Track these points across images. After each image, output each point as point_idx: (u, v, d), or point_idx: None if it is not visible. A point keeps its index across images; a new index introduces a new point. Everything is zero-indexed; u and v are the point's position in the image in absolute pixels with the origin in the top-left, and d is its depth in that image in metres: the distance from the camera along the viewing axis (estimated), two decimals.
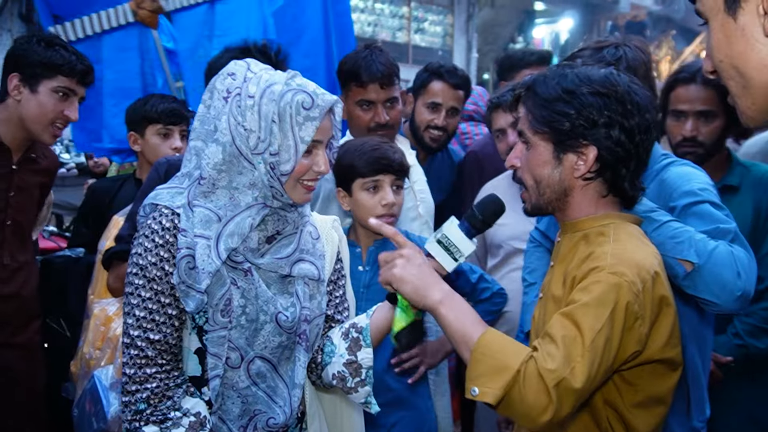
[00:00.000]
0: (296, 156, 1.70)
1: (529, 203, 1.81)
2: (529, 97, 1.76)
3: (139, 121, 3.16)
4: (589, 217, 1.74)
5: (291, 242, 1.82)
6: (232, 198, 1.72)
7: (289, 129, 1.69)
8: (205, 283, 1.68)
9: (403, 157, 2.49)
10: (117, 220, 2.85)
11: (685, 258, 1.81)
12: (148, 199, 1.81)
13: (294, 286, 1.83)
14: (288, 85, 1.71)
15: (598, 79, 1.69)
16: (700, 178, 2.06)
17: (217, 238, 1.70)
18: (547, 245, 2.45)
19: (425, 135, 3.37)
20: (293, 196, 1.76)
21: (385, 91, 2.94)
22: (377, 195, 2.46)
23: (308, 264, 1.84)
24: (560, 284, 1.71)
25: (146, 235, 1.74)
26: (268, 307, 1.76)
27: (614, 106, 1.66)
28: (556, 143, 1.70)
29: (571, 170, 1.71)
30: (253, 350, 1.78)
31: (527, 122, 1.75)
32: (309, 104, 1.69)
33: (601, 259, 1.59)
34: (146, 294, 1.72)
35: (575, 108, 1.66)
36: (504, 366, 1.51)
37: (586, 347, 1.48)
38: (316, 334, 1.88)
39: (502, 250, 3.06)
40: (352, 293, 2.09)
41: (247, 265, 1.74)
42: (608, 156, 1.67)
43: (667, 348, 1.63)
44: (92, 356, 2.62)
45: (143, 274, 1.72)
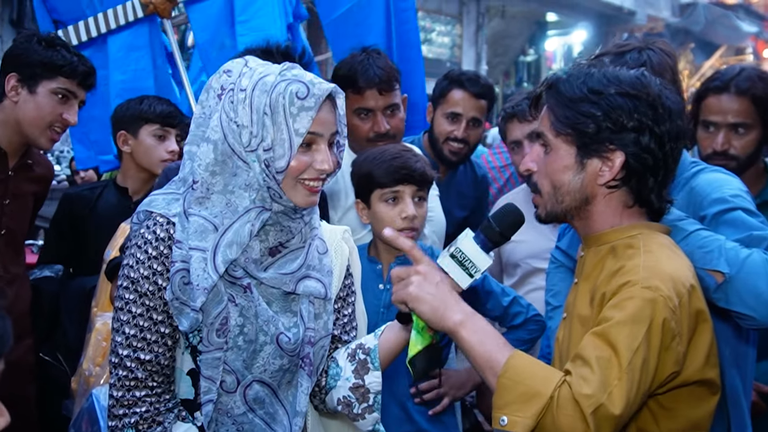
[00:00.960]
0: (291, 150, 1.65)
1: (543, 209, 1.77)
2: (551, 95, 1.72)
3: (133, 120, 3.12)
4: (614, 228, 1.70)
5: (298, 257, 1.78)
6: (229, 204, 1.67)
7: (282, 121, 1.64)
8: (200, 300, 1.63)
9: (426, 166, 2.44)
10: (124, 227, 2.81)
11: (715, 268, 1.77)
12: (142, 206, 1.77)
13: (298, 305, 1.79)
14: (282, 76, 1.66)
15: (627, 79, 1.66)
16: (731, 184, 2.03)
17: (214, 250, 1.65)
18: (569, 265, 2.41)
19: (444, 147, 3.30)
20: (294, 198, 1.70)
21: (385, 97, 2.87)
22: (397, 207, 2.41)
23: (314, 281, 1.79)
24: (586, 302, 1.67)
25: (139, 245, 1.69)
26: (269, 327, 1.72)
27: (644, 109, 1.63)
28: (580, 147, 1.66)
29: (595, 177, 1.67)
30: (251, 374, 1.74)
31: (548, 123, 1.71)
32: (304, 93, 1.64)
33: (633, 273, 1.55)
34: (137, 310, 1.68)
35: (602, 109, 1.63)
36: (535, 392, 1.47)
37: (624, 369, 1.44)
38: (321, 357, 1.84)
39: (520, 269, 3.03)
40: (363, 311, 2.05)
41: (246, 281, 1.70)
42: (636, 163, 1.64)
43: (706, 368, 1.59)
44: (92, 373, 2.60)
45: (134, 288, 1.68)
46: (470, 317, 1.61)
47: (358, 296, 2.01)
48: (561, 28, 19.28)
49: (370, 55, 2.90)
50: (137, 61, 3.65)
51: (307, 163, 1.68)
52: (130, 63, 3.64)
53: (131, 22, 3.58)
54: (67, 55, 2.68)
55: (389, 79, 2.87)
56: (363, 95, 2.85)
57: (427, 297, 1.64)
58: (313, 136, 1.67)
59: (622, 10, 18.35)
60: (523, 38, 18.61)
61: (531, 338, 2.63)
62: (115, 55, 3.62)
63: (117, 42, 3.63)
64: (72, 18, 3.63)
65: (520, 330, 2.61)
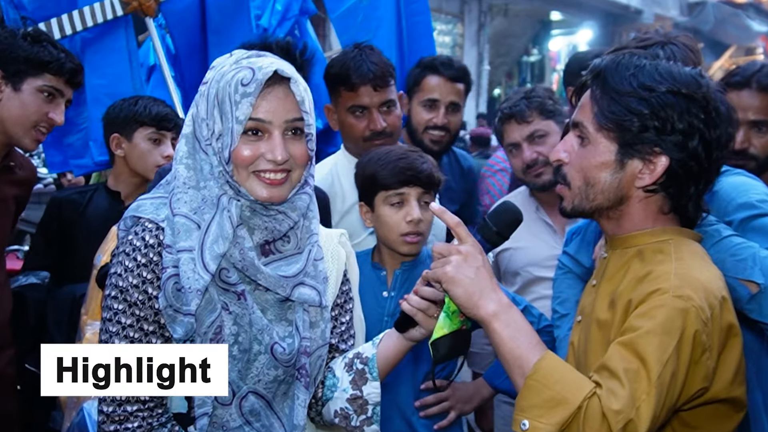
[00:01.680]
0: (232, 138, 1.62)
1: (570, 203, 1.71)
2: (597, 85, 1.65)
3: (127, 122, 3.09)
4: (644, 231, 1.66)
5: (297, 261, 1.75)
6: (205, 199, 1.67)
7: (228, 110, 1.62)
8: (194, 303, 1.61)
9: (433, 168, 2.41)
10: (116, 231, 2.79)
11: (749, 278, 1.74)
12: (129, 211, 1.75)
13: (293, 313, 1.76)
14: (237, 64, 1.65)
15: (682, 77, 1.60)
16: (757, 189, 2.00)
17: (200, 248, 1.63)
18: (577, 271, 2.38)
19: (425, 137, 3.27)
20: (252, 191, 1.66)
21: (380, 93, 2.84)
22: (402, 210, 2.37)
23: (308, 288, 1.76)
24: (606, 306, 1.64)
25: (127, 252, 1.67)
26: (263, 336, 1.70)
27: (697, 111, 1.57)
28: (623, 145, 1.61)
29: (633, 178, 1.62)
30: (246, 384, 1.72)
31: (590, 114, 1.64)
32: (248, 80, 1.61)
33: (663, 280, 1.51)
34: (127, 320, 1.65)
35: (651, 107, 1.57)
36: (562, 399, 1.43)
37: (653, 383, 1.41)
38: (318, 368, 1.81)
39: (519, 277, 3.00)
40: (361, 318, 2.03)
41: (240, 287, 1.67)
42: (679, 169, 1.59)
43: (733, 385, 1.56)
44: None
45: (123, 297, 1.66)
46: (505, 309, 1.57)
47: (356, 303, 1.99)
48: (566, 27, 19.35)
49: (363, 50, 2.88)
50: (114, 65, 3.64)
51: (254, 153, 1.65)
52: (107, 66, 3.62)
53: (108, 20, 3.55)
54: (53, 51, 2.65)
55: (383, 74, 2.84)
56: (357, 92, 2.82)
57: (464, 280, 1.59)
58: (260, 123, 1.64)
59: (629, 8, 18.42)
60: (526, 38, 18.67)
61: None
62: (91, 58, 3.58)
63: (93, 45, 3.61)
64: (42, 15, 3.54)
65: None
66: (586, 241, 2.33)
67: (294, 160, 1.68)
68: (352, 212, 2.78)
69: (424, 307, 1.75)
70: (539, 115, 2.92)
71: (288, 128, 1.68)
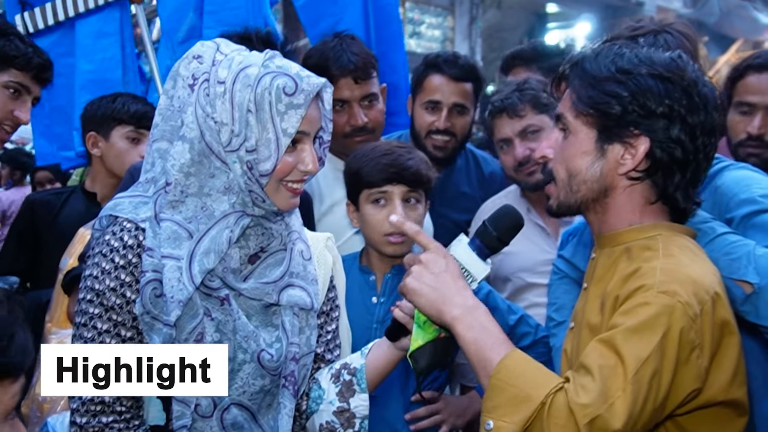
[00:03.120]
0: (278, 152, 1.65)
1: (556, 200, 1.76)
2: (575, 74, 1.72)
3: (105, 120, 3.11)
4: (632, 227, 1.71)
5: (280, 263, 1.78)
6: (204, 207, 1.68)
7: (268, 120, 1.64)
8: (174, 314, 1.63)
9: (421, 164, 2.43)
10: (83, 234, 2.80)
11: (743, 278, 1.77)
12: (106, 210, 1.76)
13: (280, 317, 1.79)
14: (266, 68, 1.66)
15: (661, 60, 1.66)
16: (761, 183, 2.03)
17: (189, 259, 1.65)
18: (573, 275, 2.41)
19: (428, 143, 3.21)
20: (277, 202, 1.71)
21: (361, 86, 2.85)
22: (385, 209, 2.41)
23: (298, 290, 1.79)
24: (597, 309, 1.68)
25: (104, 253, 1.69)
26: (249, 343, 1.72)
27: (678, 95, 1.63)
28: (602, 130, 1.67)
29: (616, 165, 1.67)
30: (229, 396, 1.74)
31: (569, 103, 1.71)
32: (292, 89, 1.64)
33: (648, 276, 1.55)
34: (103, 326, 1.67)
35: (630, 90, 1.63)
36: (525, 396, 1.47)
37: (629, 380, 1.44)
38: (303, 377, 1.84)
39: (511, 283, 3.00)
40: (347, 327, 2.05)
41: (224, 292, 1.70)
42: (662, 154, 1.64)
43: (732, 387, 1.59)
44: (46, 398, 2.57)
45: (100, 301, 1.67)
46: (469, 311, 1.62)
47: (342, 311, 2.01)
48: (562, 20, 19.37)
49: (344, 40, 2.88)
50: (105, 50, 3.64)
51: (292, 164, 1.69)
52: (98, 51, 3.64)
53: (101, 6, 3.60)
54: (20, 45, 2.66)
55: (365, 66, 2.85)
56: (336, 85, 2.81)
57: (423, 288, 1.65)
58: (300, 134, 1.68)
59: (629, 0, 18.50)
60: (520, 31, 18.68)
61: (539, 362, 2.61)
62: (82, 41, 3.62)
63: (85, 28, 3.63)
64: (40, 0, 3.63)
65: (529, 352, 2.58)
66: (582, 243, 2.35)
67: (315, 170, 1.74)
68: (331, 214, 2.79)
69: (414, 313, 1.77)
70: (533, 108, 2.90)
71: (313, 137, 1.74)
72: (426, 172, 2.45)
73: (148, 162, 1.76)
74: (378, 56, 3.15)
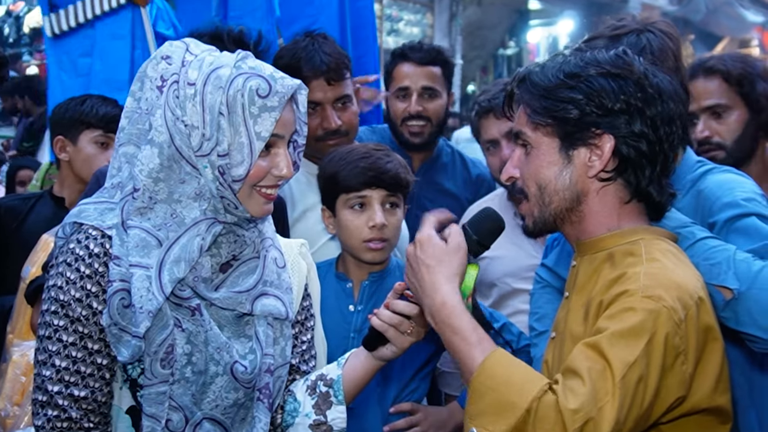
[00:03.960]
0: (252, 157, 1.65)
1: (531, 217, 1.79)
2: (524, 89, 1.75)
3: (73, 123, 3.10)
4: (612, 233, 1.73)
5: (253, 271, 1.78)
6: (174, 214, 1.67)
7: (241, 123, 1.63)
8: (143, 325, 1.63)
9: (400, 167, 2.45)
10: (47, 240, 2.79)
11: (722, 284, 1.78)
12: (70, 217, 1.75)
13: (253, 328, 1.79)
14: (238, 69, 1.66)
15: (607, 59, 1.70)
16: (744, 186, 2.05)
17: (159, 267, 1.64)
18: (557, 285, 2.43)
19: (404, 130, 3.33)
20: (250, 208, 1.71)
21: (334, 88, 2.87)
22: (364, 214, 2.41)
23: (273, 299, 1.79)
24: (580, 318, 1.70)
25: (68, 262, 1.68)
26: (221, 355, 1.72)
27: (631, 89, 1.67)
28: (564, 137, 1.70)
29: (584, 169, 1.70)
30: (201, 410, 1.74)
31: (525, 119, 1.74)
32: (266, 91, 1.64)
33: (632, 281, 1.58)
34: (69, 338, 1.67)
35: (583, 92, 1.66)
36: (509, 403, 1.48)
37: (616, 383, 1.46)
38: (278, 390, 1.84)
39: (496, 289, 3.02)
40: (322, 337, 2.05)
41: (195, 302, 1.69)
42: (628, 149, 1.67)
43: (715, 394, 1.61)
44: (9, 413, 2.56)
45: (65, 312, 1.67)
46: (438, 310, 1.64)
47: (317, 320, 2.01)
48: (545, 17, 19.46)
49: (316, 39, 2.89)
50: (116, 51, 3.78)
51: (266, 169, 1.69)
52: (111, 52, 3.78)
53: (115, 8, 3.77)
54: None
55: (338, 66, 2.86)
56: (309, 86, 2.81)
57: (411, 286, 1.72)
58: (274, 138, 1.68)
59: None
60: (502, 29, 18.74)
61: None
62: (100, 43, 3.78)
63: (103, 29, 3.81)
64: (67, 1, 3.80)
65: None
66: (566, 251, 2.37)
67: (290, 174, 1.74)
68: (304, 219, 2.80)
69: (396, 322, 1.79)
70: None
71: (288, 141, 1.74)
72: (405, 175, 2.46)
73: (114, 167, 1.74)
74: (354, 59, 3.21)
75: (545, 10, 19.23)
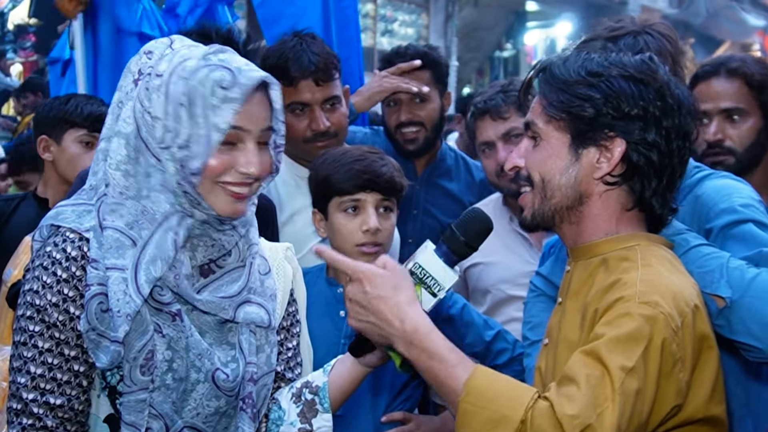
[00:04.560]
0: (208, 148, 1.63)
1: (530, 209, 1.79)
2: (543, 80, 1.76)
3: (57, 123, 3.09)
4: (608, 237, 1.74)
5: (238, 278, 1.77)
6: (145, 211, 1.67)
7: (200, 114, 1.62)
8: (122, 329, 1.62)
9: (395, 171, 2.45)
10: (29, 242, 2.76)
11: (715, 292, 1.78)
12: (47, 219, 1.75)
13: (236, 335, 1.78)
14: (206, 60, 1.65)
15: (632, 63, 1.70)
16: (742, 192, 2.05)
17: (135, 268, 1.64)
18: (551, 293, 2.42)
19: (400, 138, 3.34)
20: (215, 205, 1.69)
21: (322, 88, 2.86)
22: (358, 218, 2.41)
23: (256, 307, 1.79)
24: (575, 325, 1.70)
25: (45, 266, 1.67)
26: (203, 362, 1.71)
27: (651, 96, 1.67)
28: (575, 135, 1.70)
29: (591, 170, 1.70)
30: (182, 418, 1.73)
31: (539, 109, 1.75)
32: (228, 82, 1.63)
33: (628, 287, 1.58)
34: (45, 344, 1.65)
35: (602, 92, 1.66)
36: (501, 417, 1.48)
37: (616, 390, 1.46)
38: (263, 398, 1.83)
39: (490, 296, 3.01)
40: (308, 344, 2.05)
41: (176, 307, 1.69)
42: (638, 157, 1.67)
43: (711, 404, 1.62)
44: None
45: (41, 317, 1.66)
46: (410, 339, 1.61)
47: (303, 326, 2.00)
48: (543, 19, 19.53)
49: (304, 39, 2.89)
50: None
51: (228, 163, 1.67)
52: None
53: None
54: None
55: (327, 67, 2.86)
56: (297, 87, 2.83)
57: (365, 325, 1.68)
58: (238, 132, 1.66)
59: None
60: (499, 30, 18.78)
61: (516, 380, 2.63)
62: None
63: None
64: None
65: (504, 370, 2.59)
66: (560, 259, 2.37)
67: (262, 171, 1.71)
68: (291, 223, 2.80)
69: None
70: (517, 110, 2.92)
71: (261, 138, 1.71)
72: (399, 179, 2.46)
73: (93, 167, 1.75)
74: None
75: (543, 12, 19.30)
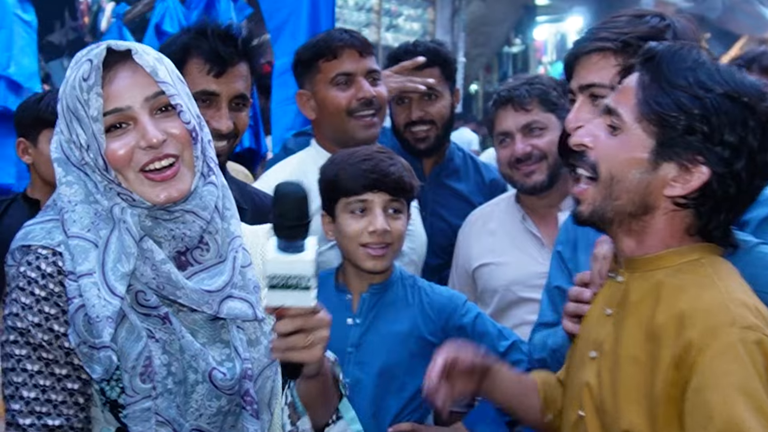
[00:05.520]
0: (96, 141, 1.64)
1: (590, 205, 1.73)
2: (648, 70, 1.67)
3: (32, 124, 3.07)
4: (669, 250, 1.68)
5: (222, 272, 1.75)
6: (98, 213, 1.67)
7: (83, 115, 1.64)
8: (106, 333, 1.60)
9: (404, 171, 2.44)
10: None
11: None
12: (17, 241, 1.74)
13: (228, 332, 1.77)
14: (76, 63, 1.67)
15: (745, 83, 1.61)
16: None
17: (102, 270, 1.63)
18: None
19: (409, 137, 3.35)
20: (144, 195, 1.67)
21: (365, 60, 2.91)
22: (364, 219, 2.40)
23: (238, 302, 1.77)
24: (641, 341, 1.64)
25: (22, 287, 1.66)
26: (198, 362, 1.71)
27: (754, 125, 1.59)
28: (661, 143, 1.63)
29: (664, 184, 1.64)
30: (188, 421, 1.73)
31: (633, 100, 1.67)
32: (87, 72, 1.63)
33: (720, 311, 1.53)
34: (34, 366, 1.64)
35: (703, 108, 1.58)
36: None
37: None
38: (270, 390, 1.82)
39: (498, 296, 3.00)
40: None
41: (163, 310, 1.68)
42: (717, 187, 1.60)
43: None
44: None
45: (25, 340, 1.64)
46: None
47: None
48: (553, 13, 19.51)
49: (336, 30, 3.02)
50: None
51: (128, 146, 1.66)
52: None
53: None
54: None
55: (367, 43, 2.94)
56: (340, 59, 2.88)
57: None
58: (120, 113, 1.66)
59: None
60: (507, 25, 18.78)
61: None
62: None
63: None
64: None
65: None
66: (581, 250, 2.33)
67: (174, 139, 1.68)
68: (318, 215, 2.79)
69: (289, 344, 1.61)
70: (540, 104, 2.96)
71: (155, 107, 1.68)
72: (409, 179, 2.45)
73: None
74: None
75: (553, 6, 19.27)
